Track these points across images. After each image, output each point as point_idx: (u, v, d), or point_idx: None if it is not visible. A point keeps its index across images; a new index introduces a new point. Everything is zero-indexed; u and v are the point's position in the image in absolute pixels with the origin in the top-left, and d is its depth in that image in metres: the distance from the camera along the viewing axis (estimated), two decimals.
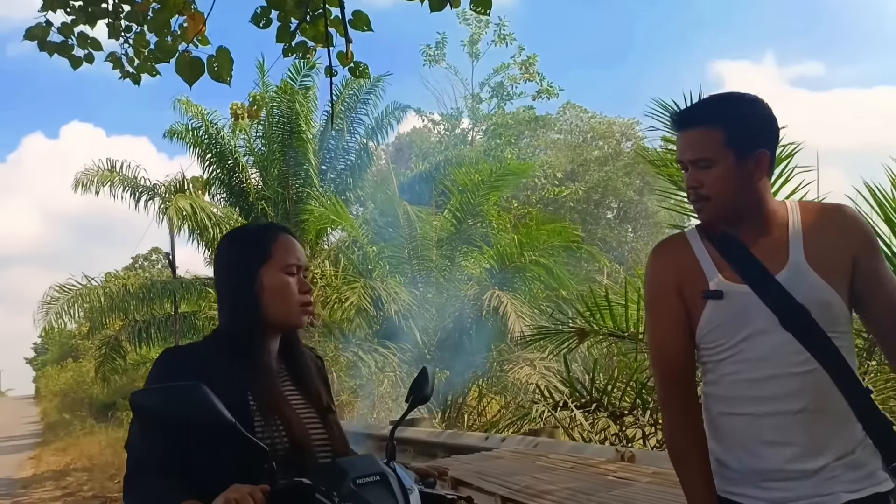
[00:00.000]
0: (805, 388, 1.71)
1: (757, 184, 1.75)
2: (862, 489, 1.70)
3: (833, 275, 1.72)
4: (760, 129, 1.76)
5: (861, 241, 1.76)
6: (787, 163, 5.45)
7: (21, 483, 11.92)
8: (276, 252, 1.76)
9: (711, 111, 1.79)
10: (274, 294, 1.74)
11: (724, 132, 1.73)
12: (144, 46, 4.53)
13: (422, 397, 1.87)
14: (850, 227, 1.77)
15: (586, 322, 6.78)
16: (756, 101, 1.80)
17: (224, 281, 1.80)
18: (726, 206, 1.76)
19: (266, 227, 1.88)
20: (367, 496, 1.51)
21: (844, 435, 1.71)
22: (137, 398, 1.44)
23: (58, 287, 14.54)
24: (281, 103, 14.41)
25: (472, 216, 12.90)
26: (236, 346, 1.72)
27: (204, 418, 1.43)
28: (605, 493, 3.62)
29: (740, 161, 1.73)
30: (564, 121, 30.77)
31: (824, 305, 1.70)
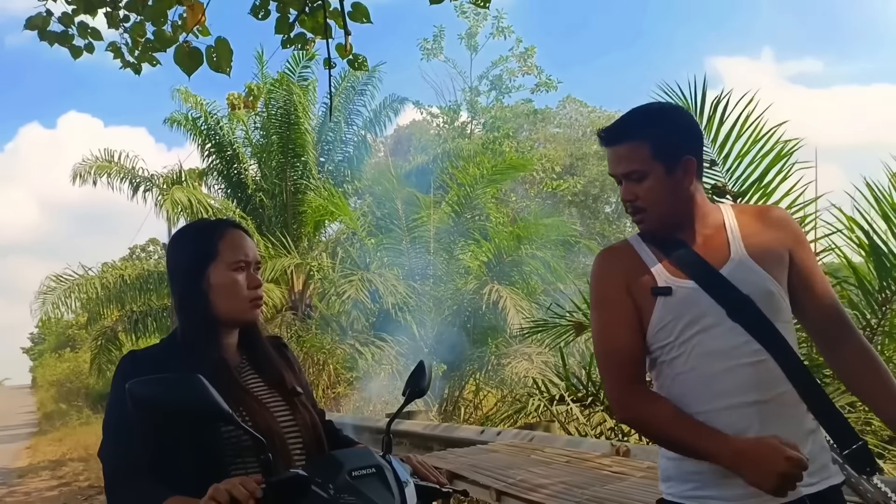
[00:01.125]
0: (758, 379, 1.74)
1: (688, 189, 1.81)
2: (817, 482, 1.71)
3: (773, 266, 1.78)
4: (684, 136, 1.82)
5: (793, 236, 1.83)
6: (785, 160, 5.44)
7: (17, 472, 11.94)
8: (223, 249, 1.78)
9: (636, 125, 1.83)
10: (222, 292, 1.76)
11: (651, 145, 1.78)
12: (142, 36, 4.51)
13: (418, 391, 1.87)
14: (782, 222, 1.85)
15: (584, 315, 6.78)
16: (677, 110, 1.92)
17: (174, 281, 1.82)
18: (664, 214, 1.82)
19: (212, 224, 1.89)
20: (362, 488, 1.51)
21: (797, 426, 1.73)
22: (135, 388, 1.42)
23: (54, 277, 14.52)
24: (279, 94, 14.38)
25: (471, 209, 12.90)
26: (192, 344, 1.75)
27: (201, 409, 1.43)
28: (600, 487, 3.63)
29: (669, 171, 1.78)
30: (564, 115, 30.76)
31: (768, 295, 1.75)
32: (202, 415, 1.45)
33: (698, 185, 1.84)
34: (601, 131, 1.87)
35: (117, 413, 1.67)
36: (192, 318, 1.78)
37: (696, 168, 1.81)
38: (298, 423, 1.79)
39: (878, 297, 5.11)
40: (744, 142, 5.54)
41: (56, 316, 15.75)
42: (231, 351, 1.83)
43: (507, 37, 29.31)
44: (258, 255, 1.85)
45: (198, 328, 1.77)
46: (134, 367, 1.71)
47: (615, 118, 1.94)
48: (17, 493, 9.98)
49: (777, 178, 5.45)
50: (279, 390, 1.83)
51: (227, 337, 1.82)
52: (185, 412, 1.44)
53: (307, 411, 1.84)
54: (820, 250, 5.57)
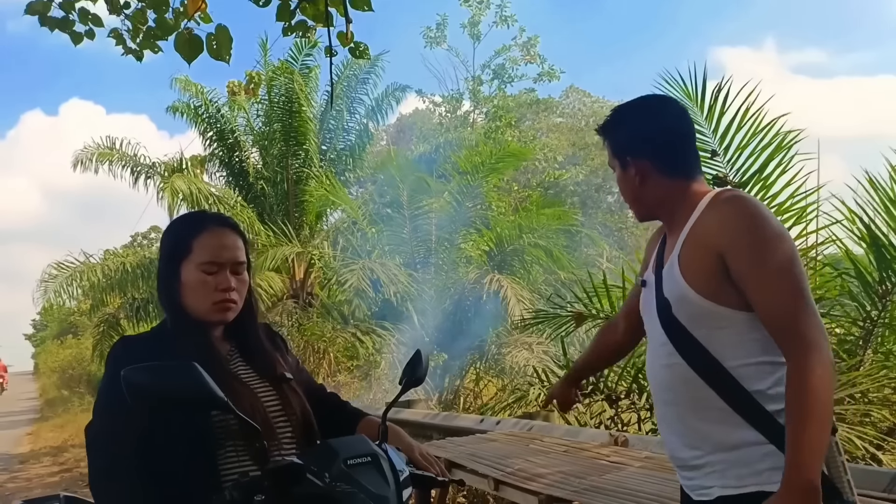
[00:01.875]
0: (671, 382, 1.79)
1: (646, 187, 1.85)
2: (742, 486, 1.69)
3: (695, 272, 1.72)
4: (632, 139, 1.87)
5: (726, 238, 1.68)
6: (786, 151, 5.43)
7: (19, 458, 11.98)
8: (196, 248, 1.77)
9: (605, 124, 1.93)
10: (190, 290, 1.78)
11: (609, 144, 1.92)
12: (143, 23, 4.50)
13: (415, 379, 1.88)
14: (721, 223, 1.70)
15: (584, 306, 6.79)
16: (634, 111, 1.92)
17: (157, 270, 1.86)
18: (636, 207, 1.93)
19: (194, 220, 1.87)
20: (357, 476, 1.52)
21: (724, 430, 1.71)
22: (129, 375, 1.42)
23: (55, 265, 14.51)
24: (281, 82, 14.34)
25: (472, 198, 12.88)
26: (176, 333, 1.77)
27: (196, 396, 1.43)
28: (598, 476, 3.64)
29: (624, 169, 1.89)
30: (567, 104, 30.72)
31: (683, 301, 1.74)
32: (197, 402, 1.44)
33: (670, 180, 1.84)
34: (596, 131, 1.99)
35: (106, 398, 1.69)
36: (167, 310, 1.82)
37: (650, 169, 1.83)
38: (286, 410, 1.80)
39: (879, 288, 5.11)
40: (745, 132, 5.52)
41: (58, 303, 15.77)
42: (218, 340, 1.84)
43: (510, 25, 29.25)
44: (238, 256, 1.82)
45: (175, 319, 1.79)
46: (125, 352, 1.72)
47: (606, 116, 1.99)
48: (18, 478, 10.02)
49: (777, 170, 5.44)
50: (268, 377, 1.84)
51: (210, 328, 1.83)
52: (179, 399, 1.43)
53: (297, 397, 1.85)
54: (820, 241, 5.57)
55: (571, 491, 3.40)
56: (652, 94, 2.01)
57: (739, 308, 1.68)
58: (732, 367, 1.69)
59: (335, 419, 1.93)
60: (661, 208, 1.87)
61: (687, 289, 1.72)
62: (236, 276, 1.81)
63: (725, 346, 1.70)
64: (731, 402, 1.69)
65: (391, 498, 1.54)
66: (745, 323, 1.68)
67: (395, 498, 1.55)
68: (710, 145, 5.67)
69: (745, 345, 1.68)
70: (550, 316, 7.17)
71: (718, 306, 1.69)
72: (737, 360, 1.69)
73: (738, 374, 1.68)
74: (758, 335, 1.68)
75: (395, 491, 1.56)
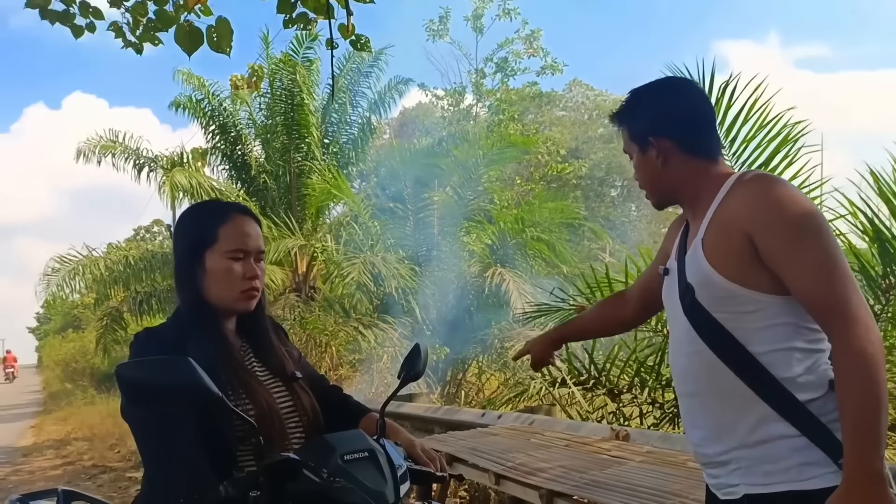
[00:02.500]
0: (694, 371, 1.72)
1: (671, 167, 1.78)
2: (768, 484, 1.61)
3: (720, 254, 1.65)
4: (653, 118, 1.81)
5: (752, 218, 1.61)
6: (791, 144, 5.42)
7: (22, 451, 12.02)
8: (222, 236, 1.76)
9: (621, 109, 1.89)
10: (215, 278, 1.76)
11: (627, 128, 1.86)
12: (143, 15, 4.49)
13: (413, 374, 1.86)
14: (747, 202, 1.63)
15: (587, 300, 6.78)
16: (652, 91, 1.87)
17: (175, 259, 1.83)
18: (654, 192, 1.87)
19: (218, 207, 1.86)
20: (354, 472, 1.51)
21: (751, 422, 1.62)
22: (123, 370, 1.40)
23: (58, 258, 14.52)
24: (283, 75, 14.32)
25: (473, 191, 12.86)
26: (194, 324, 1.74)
27: (190, 391, 1.40)
28: (599, 471, 3.63)
29: (643, 152, 1.82)
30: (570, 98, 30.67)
31: (707, 285, 1.66)
32: (192, 398, 1.42)
33: (693, 160, 1.77)
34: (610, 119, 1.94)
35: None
36: (187, 299, 1.78)
37: (673, 148, 1.77)
38: (298, 408, 1.80)
39: (882, 283, 5.09)
40: (750, 126, 5.50)
41: (60, 297, 15.80)
42: (231, 332, 1.83)
43: (512, 18, 29.13)
44: (261, 245, 1.83)
45: (193, 310, 1.77)
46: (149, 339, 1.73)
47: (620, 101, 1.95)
48: (21, 471, 10.05)
49: (783, 163, 5.42)
50: (280, 375, 1.83)
51: (225, 320, 1.82)
52: (174, 395, 1.40)
53: (307, 397, 1.84)
54: None
55: (572, 485, 3.39)
56: (671, 76, 1.97)
57: (768, 291, 1.60)
58: (759, 353, 1.60)
59: (337, 414, 1.91)
60: (683, 191, 1.80)
61: (711, 272, 1.64)
62: (258, 264, 1.81)
63: (752, 331, 1.61)
64: (758, 390, 1.60)
65: (388, 493, 1.52)
66: (773, 307, 1.60)
67: (392, 493, 1.53)
68: None
69: (773, 330, 1.60)
70: (553, 310, 7.16)
71: (745, 289, 1.61)
72: (764, 345, 1.60)
73: (766, 361, 1.60)
74: (787, 319, 1.60)
75: (392, 486, 1.54)
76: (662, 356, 6.44)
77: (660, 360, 6.43)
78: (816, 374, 1.59)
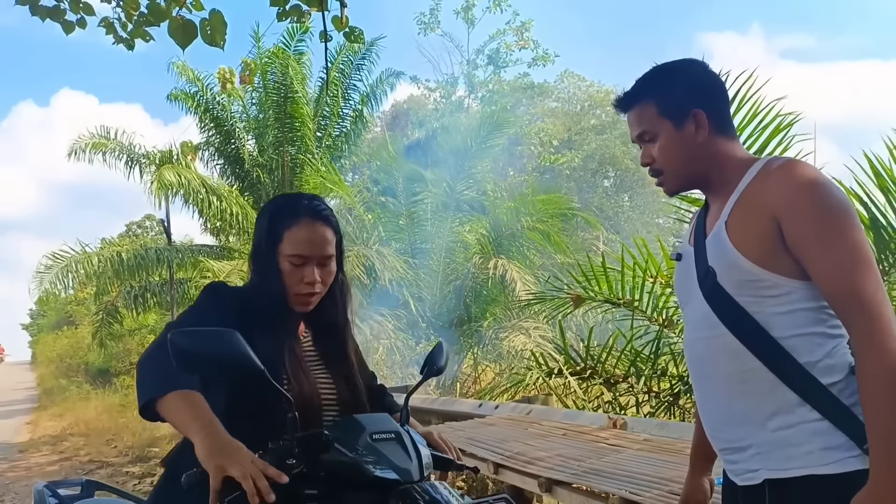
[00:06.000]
0: (713, 355, 1.69)
1: (703, 144, 1.73)
2: (789, 469, 1.59)
3: (746, 237, 1.62)
4: (690, 89, 1.75)
5: (782, 202, 1.58)
6: (785, 132, 5.43)
7: (18, 447, 11.99)
8: (287, 239, 1.83)
9: (642, 86, 1.80)
10: (282, 275, 1.84)
11: (656, 103, 1.75)
12: (135, 10, 4.47)
13: (436, 369, 1.99)
14: (780, 186, 1.60)
15: (583, 289, 6.81)
16: (683, 65, 1.82)
17: (253, 247, 1.93)
18: (680, 174, 1.78)
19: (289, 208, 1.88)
20: (383, 450, 1.61)
21: (772, 406, 1.61)
22: (175, 338, 1.51)
23: (51, 255, 14.46)
24: (276, 68, 14.26)
25: (467, 183, 12.85)
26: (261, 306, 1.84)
27: (236, 362, 1.53)
28: (596, 459, 3.66)
29: (678, 127, 1.73)
30: (562, 89, 30.60)
31: (732, 268, 1.63)
32: (235, 368, 1.54)
33: (720, 139, 1.74)
34: (616, 99, 1.85)
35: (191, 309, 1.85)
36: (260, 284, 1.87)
37: (708, 121, 1.72)
38: (339, 400, 1.89)
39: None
40: (741, 117, 5.52)
41: (54, 293, 15.77)
42: (295, 320, 1.92)
43: (503, 10, 29.09)
44: (327, 251, 1.86)
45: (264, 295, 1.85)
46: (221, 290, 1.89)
47: (613, 93, 1.94)
48: (18, 467, 10.03)
49: (777, 150, 5.44)
50: (331, 366, 1.92)
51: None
52: (221, 364, 1.53)
53: (351, 391, 1.92)
54: None
55: (571, 474, 3.42)
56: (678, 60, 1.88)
57: (792, 276, 1.59)
58: (781, 338, 1.59)
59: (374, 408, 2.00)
60: (712, 172, 1.75)
61: (736, 254, 1.62)
62: (322, 269, 1.86)
63: (775, 316, 1.60)
64: (780, 374, 1.59)
65: (413, 471, 1.61)
66: (797, 292, 1.59)
67: (417, 472, 1.62)
68: None
69: (795, 315, 1.59)
70: (549, 297, 7.19)
71: (770, 273, 1.59)
72: (786, 329, 1.59)
73: (788, 345, 1.58)
74: (809, 305, 1.59)
75: (417, 465, 1.63)
76: (657, 345, 6.47)
77: (655, 349, 6.46)
78: (837, 357, 1.58)
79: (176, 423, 1.60)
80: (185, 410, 1.59)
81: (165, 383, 1.62)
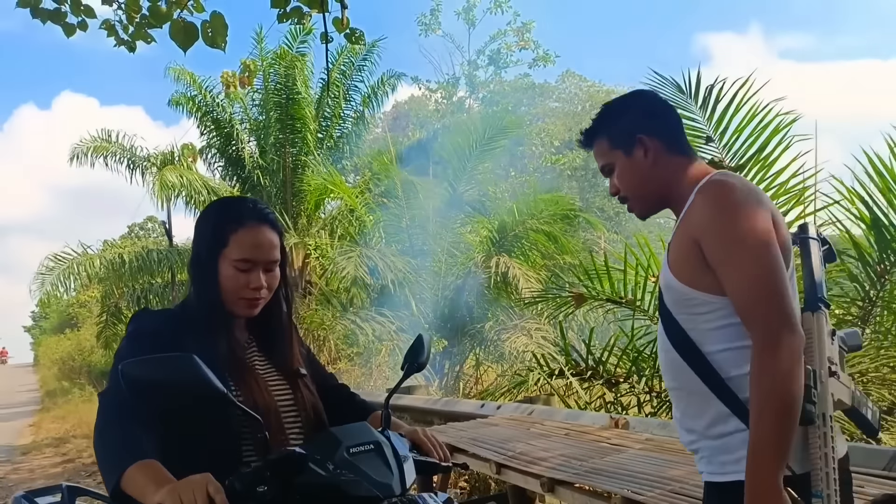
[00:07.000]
0: (668, 367, 1.82)
1: (656, 166, 1.83)
2: (725, 473, 1.70)
3: (677, 258, 1.75)
4: (634, 118, 1.86)
5: (701, 222, 1.69)
6: (785, 131, 5.44)
7: (21, 450, 12.01)
8: (233, 243, 1.76)
9: (595, 125, 1.94)
10: (223, 282, 1.76)
11: (607, 137, 1.89)
12: (137, 12, 4.48)
13: (417, 365, 1.87)
14: (697, 207, 1.71)
15: (585, 288, 6.82)
16: (628, 97, 1.97)
17: (193, 251, 1.84)
18: (641, 197, 1.89)
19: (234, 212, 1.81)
20: (360, 465, 1.51)
21: (709, 416, 1.72)
22: (128, 368, 1.41)
23: (52, 257, 14.48)
24: (279, 69, 14.26)
25: (469, 184, 12.84)
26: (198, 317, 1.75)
27: (195, 388, 1.42)
28: (599, 459, 3.66)
29: (628, 154, 1.85)
30: (563, 89, 30.63)
31: (668, 288, 1.76)
32: (196, 395, 1.43)
33: (675, 159, 1.83)
34: (578, 143, 2.01)
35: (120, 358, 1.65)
36: (199, 293, 1.79)
37: (656, 144, 1.83)
38: (298, 405, 1.81)
39: (877, 268, 5.12)
40: (741, 116, 5.53)
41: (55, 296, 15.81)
42: (239, 328, 1.84)
43: (504, 11, 29.11)
44: (274, 255, 1.80)
45: (204, 303, 1.78)
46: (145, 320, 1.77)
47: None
48: (21, 469, 10.05)
49: (778, 149, 5.46)
50: (283, 372, 1.84)
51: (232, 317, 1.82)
52: (179, 392, 1.42)
53: (310, 394, 1.85)
54: (820, 223, 5.58)
55: (573, 473, 3.42)
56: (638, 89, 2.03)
57: (720, 293, 1.67)
58: (709, 353, 1.70)
59: (343, 412, 1.91)
60: (671, 192, 1.83)
61: (670, 275, 1.75)
62: (268, 274, 1.80)
63: (706, 332, 1.71)
64: (712, 387, 1.70)
65: (394, 485, 1.53)
66: (725, 308, 1.67)
67: (398, 485, 1.54)
68: (705, 131, 5.69)
69: (726, 330, 1.68)
70: (551, 296, 7.19)
71: (697, 291, 1.70)
72: (715, 345, 1.70)
73: (715, 360, 1.69)
74: (738, 320, 1.67)
75: (398, 477, 1.55)
76: None
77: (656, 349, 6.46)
78: None
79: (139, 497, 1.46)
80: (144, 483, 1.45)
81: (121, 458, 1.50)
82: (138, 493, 1.45)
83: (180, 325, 1.74)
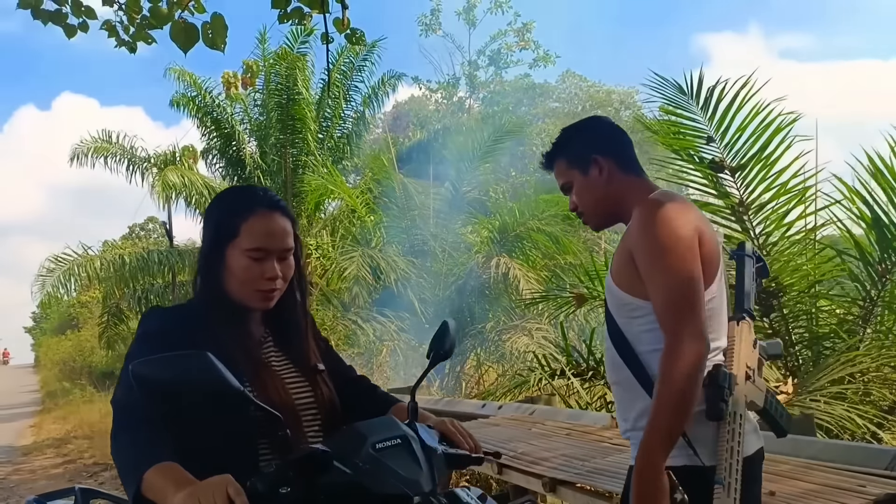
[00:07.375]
0: (609, 363, 2.00)
1: (609, 184, 2.00)
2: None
3: (618, 267, 1.92)
4: (589, 140, 2.05)
5: (634, 235, 1.87)
6: (787, 131, 5.43)
7: (22, 450, 12.01)
8: (244, 232, 1.69)
9: (554, 147, 2.11)
10: (234, 274, 1.69)
11: (565, 157, 2.07)
12: (137, 13, 4.48)
13: (443, 353, 1.78)
14: (633, 222, 1.89)
15: (586, 288, 6.82)
16: (584, 122, 2.16)
17: (201, 245, 1.78)
18: (595, 212, 2.06)
19: (244, 200, 1.75)
20: (387, 461, 1.44)
21: (637, 408, 1.88)
22: (139, 368, 1.35)
23: (53, 258, 14.47)
24: (280, 69, 14.26)
25: (470, 184, 12.85)
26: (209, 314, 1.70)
27: (211, 387, 1.36)
28: (600, 458, 3.66)
29: (584, 173, 2.03)
30: (563, 89, 30.62)
31: (610, 293, 1.95)
32: (212, 393, 1.37)
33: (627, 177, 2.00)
34: (541, 164, 2.18)
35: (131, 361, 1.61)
36: (204, 289, 1.74)
37: (610, 164, 2.00)
38: (317, 401, 1.75)
39: (878, 268, 5.12)
40: (742, 117, 5.52)
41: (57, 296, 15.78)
42: (254, 322, 1.78)
43: (504, 11, 29.12)
44: (287, 243, 1.73)
45: (213, 300, 1.72)
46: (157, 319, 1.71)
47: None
48: (22, 470, 10.05)
49: (780, 148, 5.45)
50: (301, 366, 1.78)
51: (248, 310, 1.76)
52: (193, 391, 1.36)
53: (328, 389, 1.79)
54: (821, 223, 5.58)
55: (575, 473, 3.42)
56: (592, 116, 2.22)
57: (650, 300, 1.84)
58: (641, 352, 1.87)
59: (364, 405, 1.85)
60: (623, 208, 1.97)
61: (611, 281, 1.93)
62: (282, 263, 1.73)
63: (640, 333, 1.87)
64: (642, 382, 1.86)
65: (423, 481, 1.46)
66: (653, 314, 1.83)
67: (428, 481, 1.47)
68: (705, 131, 5.69)
69: (653, 333, 1.83)
70: (552, 296, 7.19)
71: (632, 297, 1.87)
72: (646, 345, 1.87)
73: (645, 359, 1.87)
74: None
75: (427, 473, 1.48)
76: None
77: None
78: None
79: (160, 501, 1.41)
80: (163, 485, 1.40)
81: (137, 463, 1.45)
82: (159, 496, 1.40)
83: (193, 322, 1.67)
